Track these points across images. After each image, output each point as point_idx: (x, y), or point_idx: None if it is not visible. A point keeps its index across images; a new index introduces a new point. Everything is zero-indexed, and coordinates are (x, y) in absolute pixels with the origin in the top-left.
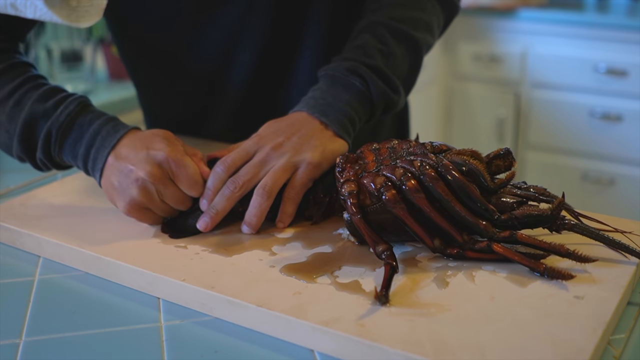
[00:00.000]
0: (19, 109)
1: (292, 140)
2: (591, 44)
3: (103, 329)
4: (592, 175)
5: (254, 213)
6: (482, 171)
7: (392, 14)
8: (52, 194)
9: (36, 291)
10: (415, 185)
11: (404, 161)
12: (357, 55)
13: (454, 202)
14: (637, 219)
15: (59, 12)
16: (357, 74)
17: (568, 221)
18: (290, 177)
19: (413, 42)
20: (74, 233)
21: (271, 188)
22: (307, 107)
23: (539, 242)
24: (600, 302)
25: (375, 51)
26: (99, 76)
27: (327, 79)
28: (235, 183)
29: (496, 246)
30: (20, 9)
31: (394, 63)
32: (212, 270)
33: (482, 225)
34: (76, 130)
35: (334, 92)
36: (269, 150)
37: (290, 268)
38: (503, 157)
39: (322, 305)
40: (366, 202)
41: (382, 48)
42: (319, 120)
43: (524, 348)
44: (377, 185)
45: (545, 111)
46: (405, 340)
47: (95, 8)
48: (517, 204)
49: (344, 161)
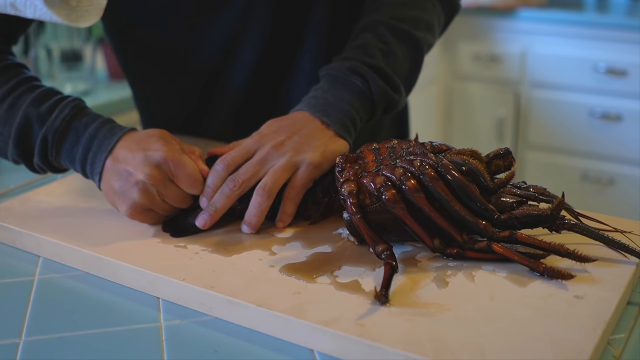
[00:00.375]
0: (13, 112)
1: (293, 140)
2: (591, 44)
3: (103, 329)
4: (592, 175)
5: (254, 213)
6: (482, 171)
7: (393, 14)
8: (52, 194)
9: (36, 291)
10: (415, 185)
11: (404, 161)
12: (358, 55)
13: (454, 202)
14: (637, 219)
15: (58, 12)
16: (358, 74)
17: (568, 221)
18: (290, 177)
19: (414, 42)
20: (73, 233)
21: (271, 188)
22: (308, 107)
23: (539, 242)
24: (600, 302)
25: (376, 50)
26: (99, 76)
27: (328, 78)
28: (235, 181)
29: (496, 246)
30: (20, 9)
31: (395, 62)
32: (212, 270)
33: (482, 225)
34: (72, 135)
35: (336, 92)
36: (269, 149)
37: (290, 268)
38: (503, 157)
39: (322, 305)
40: (366, 202)
41: (383, 47)
42: (320, 120)
43: (524, 348)
44: (377, 185)
45: (545, 111)
46: (405, 340)
47: (95, 8)
48: (517, 204)
49: (344, 161)
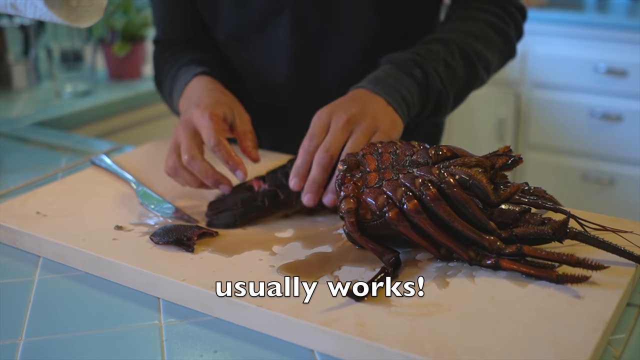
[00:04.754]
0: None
1: (362, 110)
2: (591, 44)
3: (103, 329)
4: (592, 175)
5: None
6: (486, 186)
7: (466, 40)
8: (52, 194)
9: (36, 291)
10: (416, 206)
11: (406, 177)
12: (424, 53)
13: (456, 222)
14: (637, 219)
15: (58, 12)
16: (420, 68)
17: (571, 229)
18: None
19: (474, 73)
20: (74, 233)
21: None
22: (370, 84)
23: (547, 254)
24: (600, 302)
25: (442, 59)
26: (99, 76)
27: (391, 64)
28: (327, 150)
29: (504, 262)
30: (20, 8)
31: (453, 77)
32: (212, 270)
33: (486, 242)
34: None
35: (397, 75)
36: (345, 119)
37: (290, 268)
38: (510, 166)
39: (322, 305)
40: (367, 217)
41: (448, 60)
42: (382, 97)
43: (524, 348)
44: (379, 204)
45: (545, 111)
46: (405, 340)
47: (95, 8)
48: (521, 213)
49: (344, 171)
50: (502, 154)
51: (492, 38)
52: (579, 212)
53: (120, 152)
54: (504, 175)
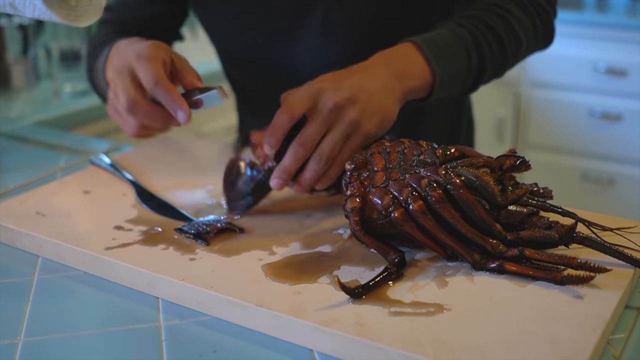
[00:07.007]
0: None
1: (356, 94)
2: (591, 44)
3: (102, 329)
4: (592, 174)
5: (310, 177)
6: (494, 188)
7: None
8: (52, 193)
9: (35, 291)
10: (421, 207)
11: (413, 177)
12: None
13: (460, 225)
14: (637, 219)
15: (57, 11)
16: (477, 44)
17: (577, 234)
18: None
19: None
20: (73, 233)
21: (328, 157)
22: (417, 39)
23: (549, 257)
24: (600, 301)
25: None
26: None
27: (449, 31)
28: (303, 145)
29: (508, 265)
30: (19, 8)
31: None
32: (211, 270)
33: (489, 245)
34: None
35: (456, 47)
36: (331, 106)
37: (290, 268)
38: (518, 167)
39: (321, 305)
40: (373, 216)
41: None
42: (418, 48)
43: (523, 348)
44: (384, 204)
45: (544, 111)
46: (404, 340)
47: (95, 7)
48: (527, 216)
49: (352, 170)
50: (510, 154)
51: (522, 19)
52: (579, 212)
53: (120, 151)
54: (512, 176)
